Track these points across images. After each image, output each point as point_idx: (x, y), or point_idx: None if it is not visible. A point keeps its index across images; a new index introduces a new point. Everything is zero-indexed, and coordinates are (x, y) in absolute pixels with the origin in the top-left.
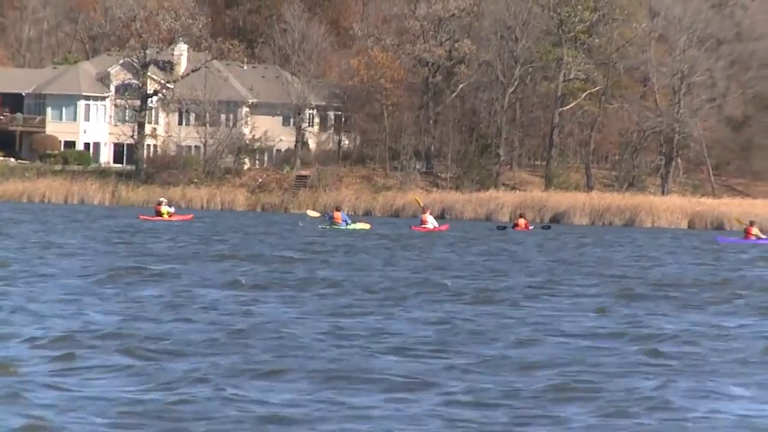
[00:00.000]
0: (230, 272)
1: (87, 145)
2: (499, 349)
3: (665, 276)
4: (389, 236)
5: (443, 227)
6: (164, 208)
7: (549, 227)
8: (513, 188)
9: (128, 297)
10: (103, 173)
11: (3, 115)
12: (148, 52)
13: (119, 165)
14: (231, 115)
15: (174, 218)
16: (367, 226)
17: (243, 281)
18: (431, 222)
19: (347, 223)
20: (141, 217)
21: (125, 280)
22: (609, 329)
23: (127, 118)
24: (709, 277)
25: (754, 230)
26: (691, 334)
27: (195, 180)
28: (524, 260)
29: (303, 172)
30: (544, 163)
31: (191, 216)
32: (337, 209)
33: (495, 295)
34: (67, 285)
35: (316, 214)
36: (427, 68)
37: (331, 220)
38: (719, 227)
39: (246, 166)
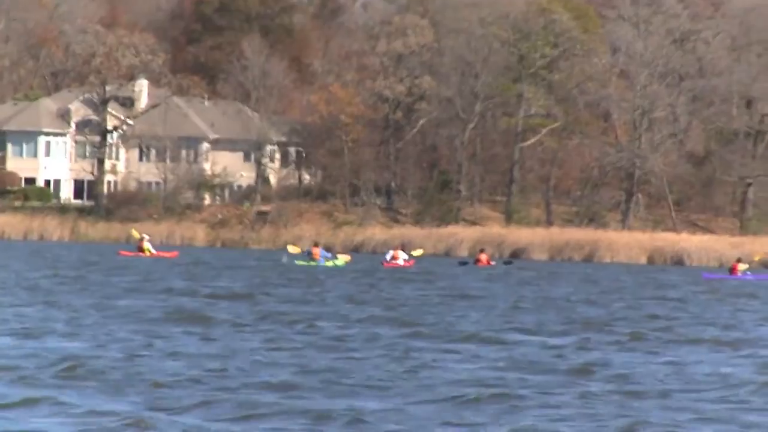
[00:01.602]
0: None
1: (47, 181)
2: None
3: None
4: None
5: (408, 263)
6: (146, 245)
7: (511, 262)
8: (473, 224)
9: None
10: (63, 209)
11: None
12: (108, 88)
13: (79, 201)
14: (191, 151)
15: (156, 255)
16: (347, 259)
17: None
18: (402, 257)
19: (326, 259)
20: (120, 253)
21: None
22: None
23: (87, 154)
24: None
25: (741, 266)
26: None
27: (155, 216)
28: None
29: (263, 208)
30: (505, 198)
31: (176, 253)
32: (316, 245)
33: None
34: None
35: (296, 250)
36: (387, 104)
37: (310, 256)
38: (678, 263)
39: (206, 202)
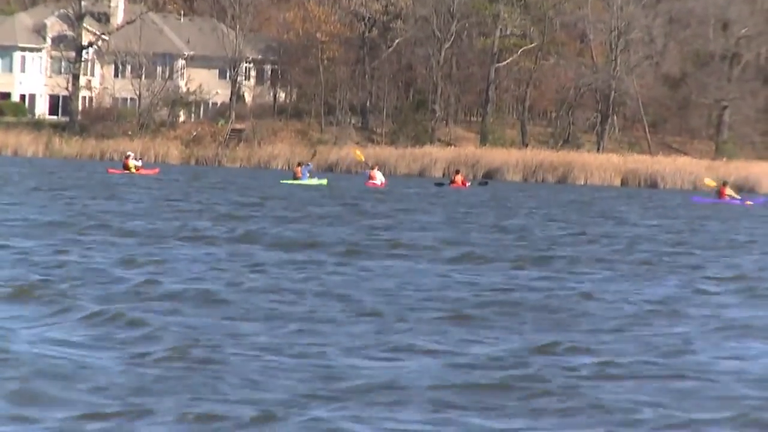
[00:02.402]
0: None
1: (23, 96)
2: None
3: None
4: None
5: (383, 184)
6: (131, 162)
7: (486, 183)
8: (448, 144)
9: None
10: (37, 125)
11: None
12: (84, 3)
13: (54, 117)
14: (167, 68)
15: (141, 172)
16: (324, 182)
17: None
18: (379, 178)
19: (309, 175)
20: (109, 171)
21: None
22: None
23: (62, 69)
24: None
25: (728, 190)
26: None
27: (129, 132)
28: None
29: (238, 126)
30: (480, 119)
31: (157, 170)
32: (299, 164)
33: None
34: None
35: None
36: (363, 23)
37: (294, 176)
38: (653, 185)
39: (181, 119)
